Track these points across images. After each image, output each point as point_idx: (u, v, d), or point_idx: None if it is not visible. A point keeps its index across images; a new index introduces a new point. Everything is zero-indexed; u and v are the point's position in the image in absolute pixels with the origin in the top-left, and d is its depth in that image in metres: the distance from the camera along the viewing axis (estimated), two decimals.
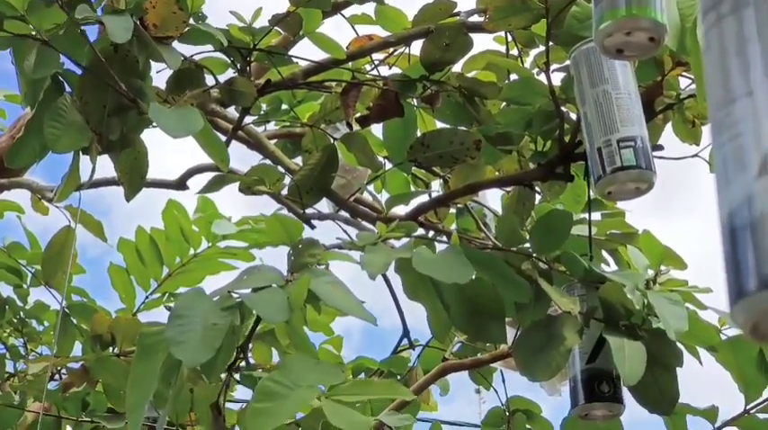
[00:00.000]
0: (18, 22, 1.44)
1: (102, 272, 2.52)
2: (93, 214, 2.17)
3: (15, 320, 2.46)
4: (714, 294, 1.50)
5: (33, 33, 1.45)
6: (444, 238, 1.70)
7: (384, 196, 1.92)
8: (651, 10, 1.12)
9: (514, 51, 1.88)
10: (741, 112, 0.47)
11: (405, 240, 1.41)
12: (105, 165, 1.59)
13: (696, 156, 1.71)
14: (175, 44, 1.54)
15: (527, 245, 1.47)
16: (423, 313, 1.42)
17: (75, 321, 2.26)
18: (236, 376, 1.43)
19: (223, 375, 1.37)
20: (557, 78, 1.57)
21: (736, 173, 0.46)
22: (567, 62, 1.45)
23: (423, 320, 1.44)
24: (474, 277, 1.30)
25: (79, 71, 1.51)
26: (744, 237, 0.45)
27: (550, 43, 1.53)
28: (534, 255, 1.45)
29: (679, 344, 1.41)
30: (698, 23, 1.28)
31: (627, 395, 1.41)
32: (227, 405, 1.98)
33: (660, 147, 1.53)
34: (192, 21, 1.55)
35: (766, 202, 0.44)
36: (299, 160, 1.86)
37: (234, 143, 1.77)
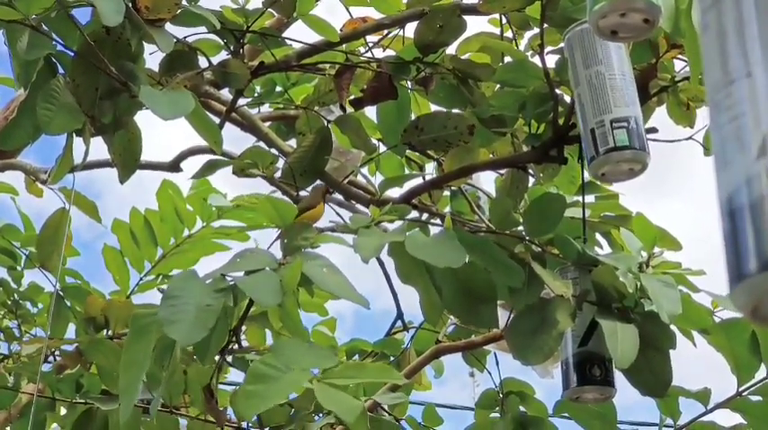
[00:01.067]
0: (5, 7, 1.42)
1: (95, 256, 2.51)
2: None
3: (9, 302, 2.46)
4: (707, 276, 1.50)
5: (23, 19, 1.44)
6: (438, 221, 1.70)
7: (378, 179, 1.92)
8: None
9: (509, 34, 1.88)
10: (740, 94, 0.46)
11: (398, 223, 1.41)
12: (98, 148, 1.59)
13: (690, 138, 1.71)
14: (168, 26, 1.53)
15: (520, 227, 1.47)
16: (416, 296, 1.42)
17: (68, 303, 2.26)
18: (229, 359, 1.43)
19: (216, 357, 1.37)
20: (551, 61, 1.57)
21: (735, 154, 0.46)
22: (562, 45, 1.45)
23: (416, 303, 1.44)
24: (467, 261, 1.30)
25: (72, 53, 1.50)
26: (743, 218, 0.45)
27: (545, 25, 1.53)
28: (527, 237, 1.45)
29: (672, 327, 1.41)
30: (693, 5, 1.28)
31: (621, 377, 1.41)
32: (221, 387, 1.98)
33: (654, 130, 1.53)
34: (184, 2, 1.54)
35: (765, 184, 0.44)
36: (293, 142, 1.86)
37: (227, 125, 1.77)
